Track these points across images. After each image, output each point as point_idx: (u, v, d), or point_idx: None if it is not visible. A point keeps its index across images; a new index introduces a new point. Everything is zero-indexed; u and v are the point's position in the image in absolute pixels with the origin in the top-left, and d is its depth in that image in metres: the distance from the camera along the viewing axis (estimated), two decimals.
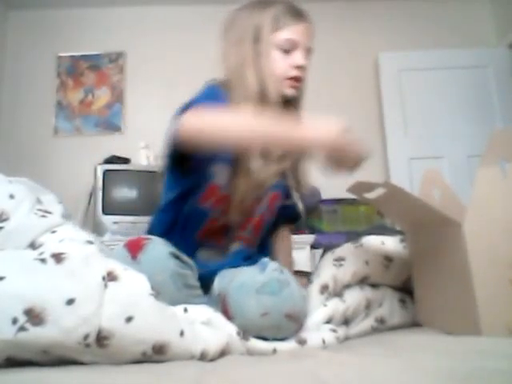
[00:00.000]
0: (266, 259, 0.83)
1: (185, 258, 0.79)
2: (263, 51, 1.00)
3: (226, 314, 0.75)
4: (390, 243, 0.98)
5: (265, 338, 0.73)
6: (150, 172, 2.60)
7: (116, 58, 3.03)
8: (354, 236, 1.03)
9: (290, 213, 1.16)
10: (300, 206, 1.11)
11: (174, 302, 0.72)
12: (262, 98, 0.98)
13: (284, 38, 1.00)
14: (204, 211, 0.99)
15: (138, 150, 2.69)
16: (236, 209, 1.00)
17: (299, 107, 1.10)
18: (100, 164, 2.50)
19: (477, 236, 0.73)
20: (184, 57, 3.03)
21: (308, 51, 1.03)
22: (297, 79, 1.02)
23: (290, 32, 1.00)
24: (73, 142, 2.92)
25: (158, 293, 0.68)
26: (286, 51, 1.00)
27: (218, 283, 0.87)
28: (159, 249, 0.75)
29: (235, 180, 0.97)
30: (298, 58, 1.00)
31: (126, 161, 2.65)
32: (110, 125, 2.94)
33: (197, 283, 0.82)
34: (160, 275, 0.72)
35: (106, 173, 2.45)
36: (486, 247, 0.72)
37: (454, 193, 0.93)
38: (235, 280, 0.79)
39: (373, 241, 0.98)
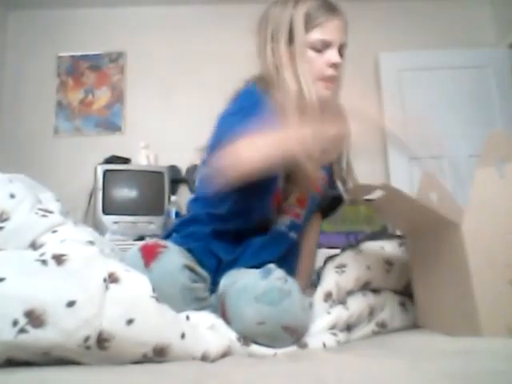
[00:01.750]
0: (272, 265, 0.81)
1: (199, 269, 0.78)
2: (297, 52, 0.98)
3: (224, 316, 0.75)
4: (389, 248, 0.98)
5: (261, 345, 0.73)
6: (150, 172, 2.60)
7: (116, 57, 3.03)
8: (354, 236, 1.03)
9: (326, 202, 1.16)
10: (341, 193, 1.10)
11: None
12: (301, 99, 0.96)
13: (317, 38, 0.98)
14: (267, 211, 1.00)
15: (138, 149, 2.70)
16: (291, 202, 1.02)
17: (336, 103, 1.08)
18: (100, 164, 2.50)
19: (475, 237, 0.73)
20: (184, 57, 3.03)
21: (342, 47, 1.01)
22: (332, 78, 1.00)
23: (322, 31, 0.98)
24: (73, 142, 2.92)
25: (166, 303, 0.67)
26: (320, 50, 0.99)
27: (223, 283, 0.87)
28: (173, 260, 0.74)
29: (291, 181, 0.98)
30: (332, 56, 0.98)
31: (126, 161, 2.65)
32: (110, 125, 2.94)
33: (207, 295, 0.82)
34: (170, 288, 0.72)
35: (105, 173, 2.45)
36: (485, 248, 0.72)
37: (452, 195, 0.93)
38: (237, 282, 0.78)
39: (372, 246, 0.98)
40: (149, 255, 0.73)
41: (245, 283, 0.76)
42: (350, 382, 0.48)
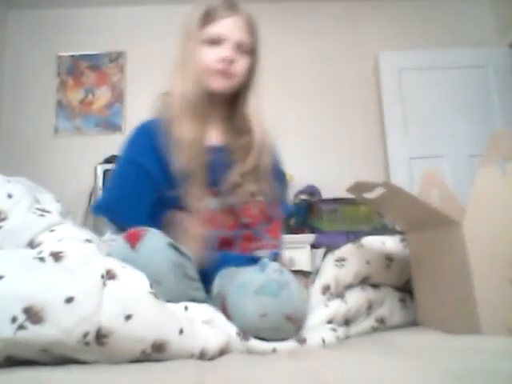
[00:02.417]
0: (266, 260, 0.82)
1: (182, 249, 0.79)
2: (192, 47, 1.03)
3: (225, 313, 0.75)
4: (390, 243, 0.97)
5: (264, 339, 0.73)
6: None
7: (116, 57, 3.03)
8: (354, 236, 1.03)
9: None
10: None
11: (173, 293, 0.72)
12: (191, 93, 1.01)
13: (210, 32, 1.02)
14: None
15: None
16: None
17: (245, 104, 1.10)
18: (100, 164, 2.50)
19: (476, 236, 0.73)
20: None
21: (239, 46, 1.04)
22: (223, 73, 1.02)
23: (216, 26, 1.02)
24: (73, 142, 2.92)
25: (158, 283, 0.68)
26: (214, 46, 1.02)
27: (218, 282, 0.87)
28: (158, 239, 0.75)
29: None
30: (223, 51, 1.01)
31: None
32: (110, 124, 2.94)
33: (196, 275, 0.82)
34: (160, 264, 0.72)
35: (106, 173, 2.45)
36: (486, 247, 0.72)
37: (453, 193, 0.93)
38: (235, 280, 0.78)
39: (373, 241, 0.97)
40: (133, 239, 0.74)
41: (242, 279, 0.76)
42: (350, 381, 0.48)
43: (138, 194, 0.98)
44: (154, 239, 0.74)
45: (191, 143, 0.99)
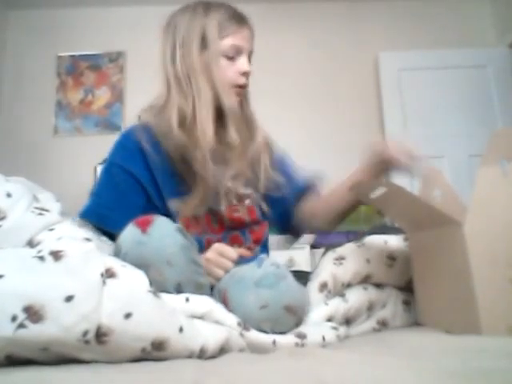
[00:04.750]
0: (262, 256, 0.84)
1: (189, 236, 0.80)
2: (212, 59, 1.02)
3: (226, 308, 0.76)
4: (393, 242, 0.97)
5: (265, 332, 0.73)
6: None
7: (116, 57, 3.03)
8: (354, 236, 1.02)
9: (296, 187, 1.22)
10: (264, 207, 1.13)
11: (183, 277, 0.73)
12: (216, 106, 1.02)
13: (229, 45, 1.02)
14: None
15: None
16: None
17: (248, 112, 1.11)
18: (100, 164, 2.50)
19: (477, 236, 0.73)
20: None
21: (250, 54, 1.07)
22: (243, 86, 1.05)
23: (234, 38, 1.03)
24: (73, 142, 2.92)
25: (170, 264, 0.71)
26: (231, 58, 1.03)
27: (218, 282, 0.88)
28: (167, 224, 0.77)
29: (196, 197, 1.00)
30: (243, 64, 1.03)
31: None
32: (110, 125, 2.94)
33: (201, 261, 0.83)
34: (171, 247, 0.73)
35: None
36: (487, 247, 0.72)
37: (455, 192, 0.92)
38: (234, 276, 0.80)
39: (375, 240, 0.97)
40: (143, 224, 0.75)
41: (242, 274, 0.79)
42: (350, 382, 0.48)
43: (130, 203, 0.99)
44: (163, 223, 0.76)
45: (207, 151, 1.00)
